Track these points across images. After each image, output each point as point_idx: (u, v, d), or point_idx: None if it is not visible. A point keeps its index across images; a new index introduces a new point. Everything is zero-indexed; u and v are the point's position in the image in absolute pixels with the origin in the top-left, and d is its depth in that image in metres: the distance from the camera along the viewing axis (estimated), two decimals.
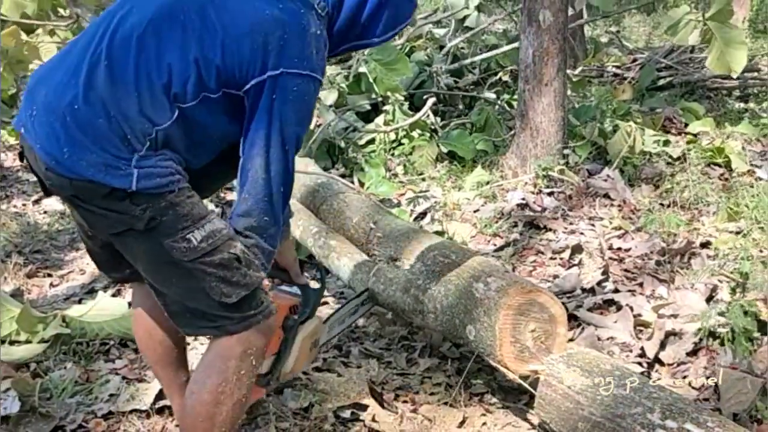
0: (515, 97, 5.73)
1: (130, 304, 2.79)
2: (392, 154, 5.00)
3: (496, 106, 5.62)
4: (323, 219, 3.33)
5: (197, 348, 2.53)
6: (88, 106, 1.55)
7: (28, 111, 1.61)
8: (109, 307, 2.77)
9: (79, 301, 3.00)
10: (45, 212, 4.06)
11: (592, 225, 3.71)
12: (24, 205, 4.16)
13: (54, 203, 4.13)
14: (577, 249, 3.32)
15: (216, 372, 1.68)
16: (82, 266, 3.39)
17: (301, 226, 3.19)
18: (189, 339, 2.27)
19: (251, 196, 1.64)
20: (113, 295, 3.01)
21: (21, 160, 1.72)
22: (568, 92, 4.99)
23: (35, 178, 1.74)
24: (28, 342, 2.60)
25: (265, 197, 1.64)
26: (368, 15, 1.79)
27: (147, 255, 1.63)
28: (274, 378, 1.95)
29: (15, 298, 2.83)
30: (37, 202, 4.20)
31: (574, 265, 3.22)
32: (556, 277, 3.10)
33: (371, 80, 5.41)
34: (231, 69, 1.60)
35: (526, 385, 2.06)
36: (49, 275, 3.31)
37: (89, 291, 3.15)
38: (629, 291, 2.92)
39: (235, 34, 1.59)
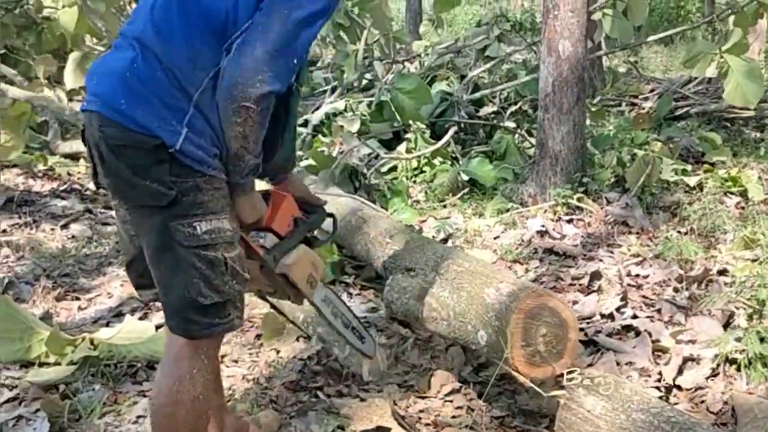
0: (535, 125, 5.81)
1: (157, 327, 2.88)
2: (414, 181, 5.08)
3: (516, 135, 5.68)
4: (344, 236, 3.45)
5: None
6: (146, 63, 1.65)
7: (91, 84, 1.72)
8: (137, 330, 2.83)
9: (107, 324, 3.06)
10: (73, 237, 4.15)
11: (611, 252, 3.75)
12: (53, 229, 4.24)
13: (82, 228, 4.24)
14: (595, 275, 3.37)
15: (169, 374, 1.76)
16: (110, 290, 3.46)
17: None
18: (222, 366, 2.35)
19: None
20: (140, 318, 3.08)
21: (83, 141, 1.78)
22: (587, 121, 5.05)
23: (61, 203, 1.81)
24: (57, 364, 2.66)
25: None
26: None
27: (153, 233, 1.69)
28: (272, 256, 1.91)
29: (44, 321, 2.90)
30: (65, 227, 4.29)
31: (593, 291, 3.27)
32: (575, 302, 3.14)
33: (393, 109, 5.50)
34: None
35: (543, 392, 2.09)
36: (78, 298, 3.36)
37: (117, 314, 3.20)
38: (647, 317, 2.96)
39: None
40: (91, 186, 4.96)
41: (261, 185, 1.92)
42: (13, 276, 3.51)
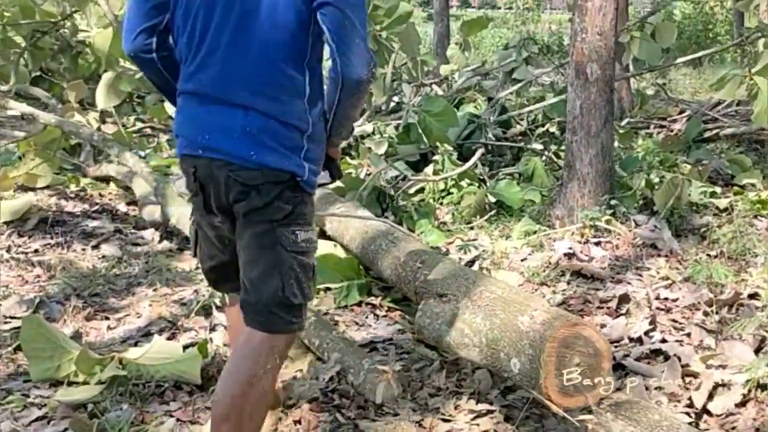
0: (562, 147, 5.79)
1: (185, 348, 2.91)
2: (441, 203, 5.09)
3: (544, 157, 5.67)
4: (371, 259, 3.45)
5: None
6: (257, 118, 1.92)
7: (204, 138, 1.95)
8: (165, 350, 2.84)
9: (136, 344, 3.09)
10: (103, 257, 4.21)
11: (639, 275, 3.72)
12: (84, 249, 4.30)
13: (112, 249, 4.30)
14: (624, 299, 3.34)
15: (245, 369, 1.95)
16: (139, 310, 3.49)
17: None
18: None
19: None
20: (168, 339, 3.11)
21: (194, 180, 2.02)
22: (615, 143, 5.03)
23: (92, 224, 2.01)
24: (86, 383, 2.69)
25: None
26: None
27: (260, 236, 1.95)
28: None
29: (74, 340, 2.94)
30: (96, 247, 4.35)
31: (622, 314, 3.24)
32: (603, 326, 3.12)
33: (421, 131, 5.53)
34: None
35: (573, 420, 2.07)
36: (107, 318, 3.40)
37: (145, 334, 3.23)
38: (677, 341, 2.92)
39: None
40: (122, 207, 5.06)
41: None
42: (44, 295, 3.56)
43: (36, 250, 4.22)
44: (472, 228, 4.69)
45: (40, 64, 6.95)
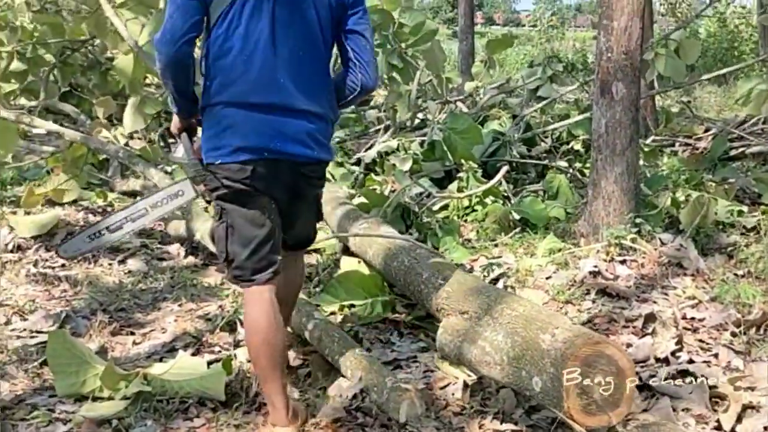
0: (587, 165, 5.77)
1: (209, 364, 2.92)
2: (465, 220, 5.08)
3: (568, 174, 5.65)
4: (394, 276, 3.46)
5: None
6: (320, 123, 2.48)
7: (276, 144, 2.39)
8: (189, 366, 2.85)
9: (161, 359, 3.10)
10: (129, 272, 4.25)
11: (665, 294, 3.68)
12: (110, 264, 4.34)
13: (138, 264, 4.34)
14: (650, 318, 3.30)
15: (303, 267, 2.96)
16: (164, 325, 3.52)
17: None
18: None
19: None
20: (193, 354, 3.13)
21: (253, 179, 2.41)
22: (640, 161, 4.99)
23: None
24: (110, 399, 2.70)
25: None
26: None
27: (315, 200, 2.72)
28: None
29: (99, 356, 2.96)
30: (122, 262, 4.40)
31: (648, 334, 3.21)
32: (629, 345, 3.08)
33: (445, 148, 5.54)
34: None
35: None
36: (132, 333, 3.42)
37: (170, 349, 3.24)
38: (704, 362, 2.88)
39: None
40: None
41: None
42: (70, 310, 3.60)
43: (63, 265, 4.25)
44: (496, 245, 4.68)
45: (69, 80, 7.06)
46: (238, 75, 2.34)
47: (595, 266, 3.97)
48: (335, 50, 2.59)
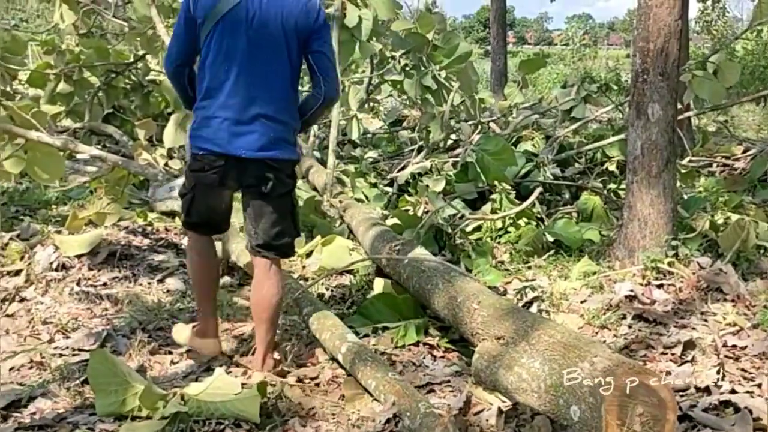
0: (622, 186, 5.72)
1: (243, 385, 2.94)
2: (498, 242, 5.06)
3: (603, 196, 5.60)
4: (428, 299, 3.45)
5: None
6: (276, 126, 2.96)
7: (236, 144, 2.93)
8: (224, 387, 2.84)
9: (196, 379, 3.12)
10: (168, 291, 4.30)
11: (705, 320, 3.62)
12: (150, 283, 4.38)
13: (176, 283, 4.40)
14: (689, 345, 3.24)
15: (276, 281, 3.10)
16: None
17: None
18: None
19: None
20: (227, 372, 3.15)
21: (221, 177, 3.00)
22: (677, 183, 4.94)
23: (158, 258, 2.83)
24: (149, 418, 2.71)
25: None
26: None
27: (282, 204, 3.03)
28: None
29: (139, 374, 2.98)
30: (161, 281, 4.45)
31: (687, 361, 3.15)
32: (668, 373, 3.03)
33: (478, 169, 5.54)
34: None
35: None
36: (170, 352, 3.44)
37: (206, 369, 3.26)
38: (747, 392, 2.82)
39: None
40: (185, 242, 5.17)
41: None
42: (111, 329, 3.65)
43: (104, 283, 4.32)
44: (529, 268, 4.65)
45: (113, 102, 7.23)
46: (219, 83, 2.92)
47: (631, 290, 3.92)
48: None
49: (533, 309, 3.93)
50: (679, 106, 5.40)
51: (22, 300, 3.99)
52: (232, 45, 2.88)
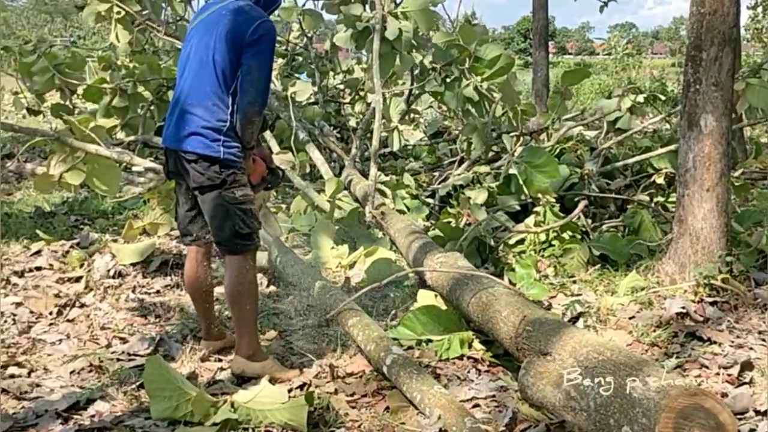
0: (670, 199, 5.60)
1: (289, 392, 2.94)
2: (542, 255, 4.98)
3: (650, 209, 5.49)
4: (471, 312, 3.41)
5: None
6: (191, 118, 3.17)
7: (168, 133, 3.27)
8: (272, 395, 2.87)
9: (241, 385, 3.17)
10: (217, 299, 4.33)
11: (763, 340, 3.50)
12: None
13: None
14: (747, 366, 3.13)
15: (235, 273, 3.23)
16: None
17: None
18: None
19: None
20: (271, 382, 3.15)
21: (165, 169, 3.38)
22: (731, 197, 4.81)
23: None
24: (200, 424, 2.78)
25: None
26: None
27: (212, 200, 3.17)
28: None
29: (190, 381, 3.04)
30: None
31: (745, 383, 3.04)
32: (724, 395, 2.93)
33: (521, 182, 5.48)
34: None
35: None
36: (220, 360, 3.49)
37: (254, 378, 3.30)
38: None
39: None
40: None
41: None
42: (165, 334, 3.74)
43: (157, 291, 4.45)
44: (574, 282, 4.57)
45: (164, 115, 7.39)
46: (176, 86, 3.36)
47: (683, 307, 3.82)
48: None
49: (580, 324, 3.86)
50: (733, 116, 5.28)
51: (82, 306, 4.16)
52: (183, 53, 3.33)
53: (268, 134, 6.62)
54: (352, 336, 3.49)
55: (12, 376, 3.22)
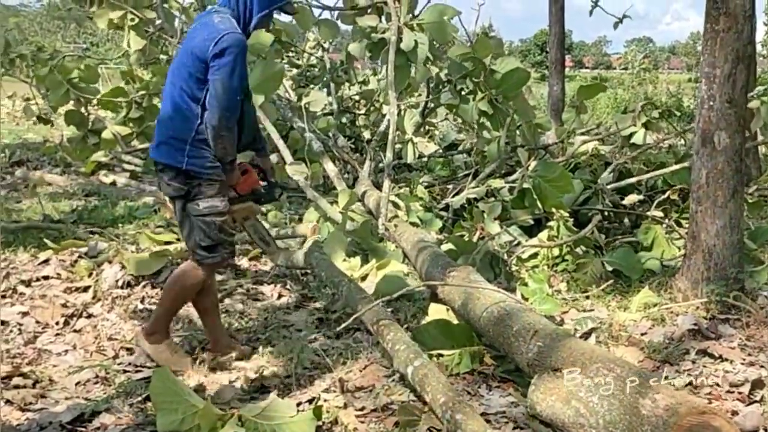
0: (684, 216, 5.57)
1: (298, 405, 2.95)
2: (555, 270, 4.98)
3: (664, 225, 5.47)
4: (483, 327, 3.42)
5: None
6: (164, 130, 3.30)
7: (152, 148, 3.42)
8: (280, 409, 2.87)
9: (251, 399, 3.15)
10: (226, 311, 4.35)
11: None
12: None
13: (234, 302, 4.45)
14: (758, 384, 3.12)
15: (180, 272, 3.44)
16: (261, 363, 3.57)
17: None
18: None
19: None
20: (282, 396, 3.16)
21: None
22: (744, 214, 4.79)
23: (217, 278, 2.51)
24: None
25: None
26: None
27: (179, 210, 3.32)
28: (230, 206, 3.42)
29: (197, 393, 3.03)
30: (219, 301, 4.50)
31: (756, 401, 3.03)
32: (735, 413, 2.92)
33: (535, 196, 5.48)
34: None
35: None
36: (229, 371, 3.48)
37: (262, 390, 3.28)
38: None
39: None
40: (244, 263, 5.24)
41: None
42: None
43: None
44: (587, 297, 4.56)
45: None
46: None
47: (695, 324, 3.81)
48: None
49: (591, 340, 3.85)
50: (747, 133, 5.26)
51: (89, 316, 4.12)
52: (169, 68, 3.48)
53: (281, 144, 6.64)
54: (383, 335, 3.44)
55: (16, 387, 3.18)
